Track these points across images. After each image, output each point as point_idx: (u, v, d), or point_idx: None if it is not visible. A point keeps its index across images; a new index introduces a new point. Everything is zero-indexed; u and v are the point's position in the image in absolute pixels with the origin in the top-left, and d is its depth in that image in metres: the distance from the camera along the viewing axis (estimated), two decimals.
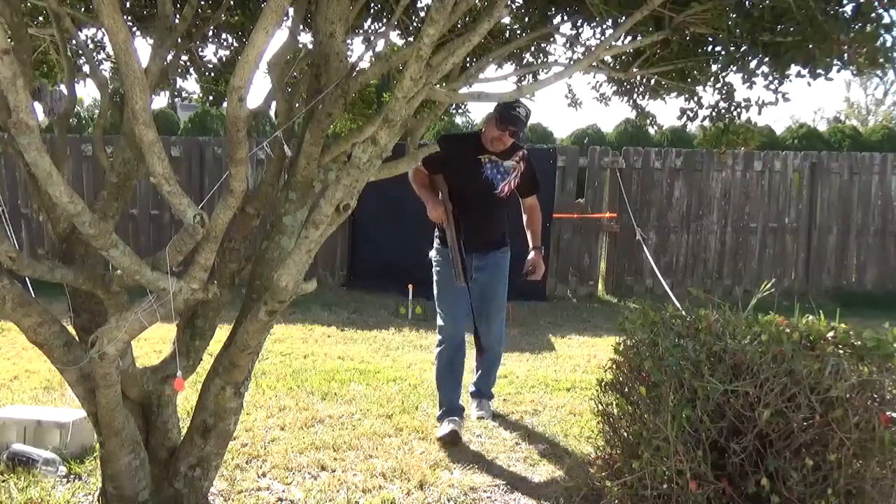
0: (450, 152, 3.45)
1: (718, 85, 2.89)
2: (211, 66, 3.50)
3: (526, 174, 3.73)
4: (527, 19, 2.98)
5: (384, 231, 8.34)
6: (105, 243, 1.65)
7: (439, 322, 3.75)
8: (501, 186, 3.67)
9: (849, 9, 2.29)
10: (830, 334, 2.27)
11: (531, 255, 3.82)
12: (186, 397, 3.73)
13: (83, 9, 2.93)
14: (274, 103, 2.48)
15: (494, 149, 3.59)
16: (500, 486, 3.08)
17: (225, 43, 3.41)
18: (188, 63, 3.43)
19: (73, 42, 2.65)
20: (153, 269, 1.75)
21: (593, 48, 2.62)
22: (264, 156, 2.21)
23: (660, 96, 3.18)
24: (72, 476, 2.98)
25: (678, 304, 2.58)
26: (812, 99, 47.74)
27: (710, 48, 2.71)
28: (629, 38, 2.66)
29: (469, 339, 3.78)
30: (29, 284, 2.89)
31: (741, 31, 2.38)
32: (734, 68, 2.63)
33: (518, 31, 3.07)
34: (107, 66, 3.49)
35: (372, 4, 2.98)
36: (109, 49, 3.31)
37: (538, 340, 6.17)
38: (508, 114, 3.47)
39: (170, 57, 2.41)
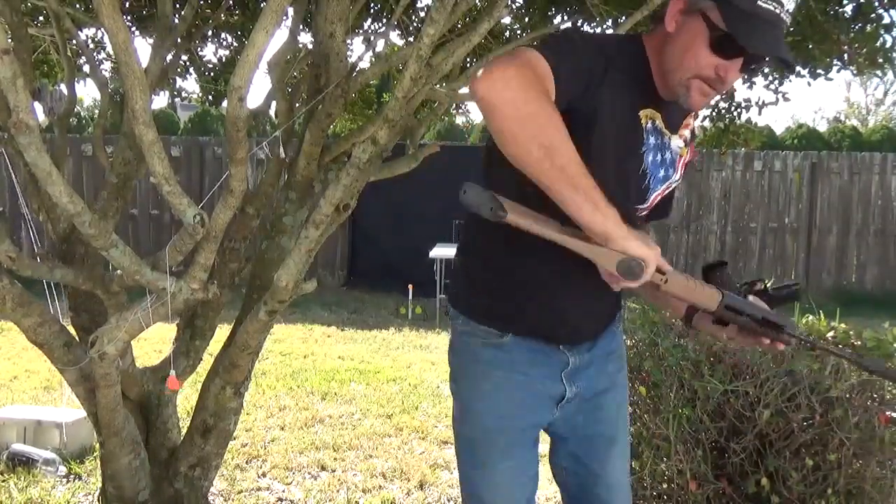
0: (604, 84, 1.30)
1: None
2: (211, 66, 3.51)
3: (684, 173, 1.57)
4: (527, 19, 2.98)
5: (384, 231, 8.35)
6: (105, 243, 1.64)
7: None
8: (654, 195, 1.47)
9: (849, 9, 2.29)
10: (830, 334, 2.27)
11: None
12: (186, 397, 3.73)
13: (83, 9, 2.93)
14: (274, 103, 2.49)
15: (691, 102, 1.33)
16: None
17: (225, 43, 3.42)
18: (188, 63, 3.43)
19: (73, 42, 2.65)
20: (153, 269, 1.75)
21: None
22: (264, 156, 2.21)
23: None
24: (72, 476, 2.98)
25: None
26: (812, 99, 47.79)
27: None
28: None
29: None
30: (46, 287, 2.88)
31: None
32: None
33: (518, 31, 3.06)
34: (107, 66, 3.50)
35: (372, 4, 2.98)
36: (109, 49, 3.31)
37: None
38: (770, 28, 1.22)
39: (170, 57, 2.41)
